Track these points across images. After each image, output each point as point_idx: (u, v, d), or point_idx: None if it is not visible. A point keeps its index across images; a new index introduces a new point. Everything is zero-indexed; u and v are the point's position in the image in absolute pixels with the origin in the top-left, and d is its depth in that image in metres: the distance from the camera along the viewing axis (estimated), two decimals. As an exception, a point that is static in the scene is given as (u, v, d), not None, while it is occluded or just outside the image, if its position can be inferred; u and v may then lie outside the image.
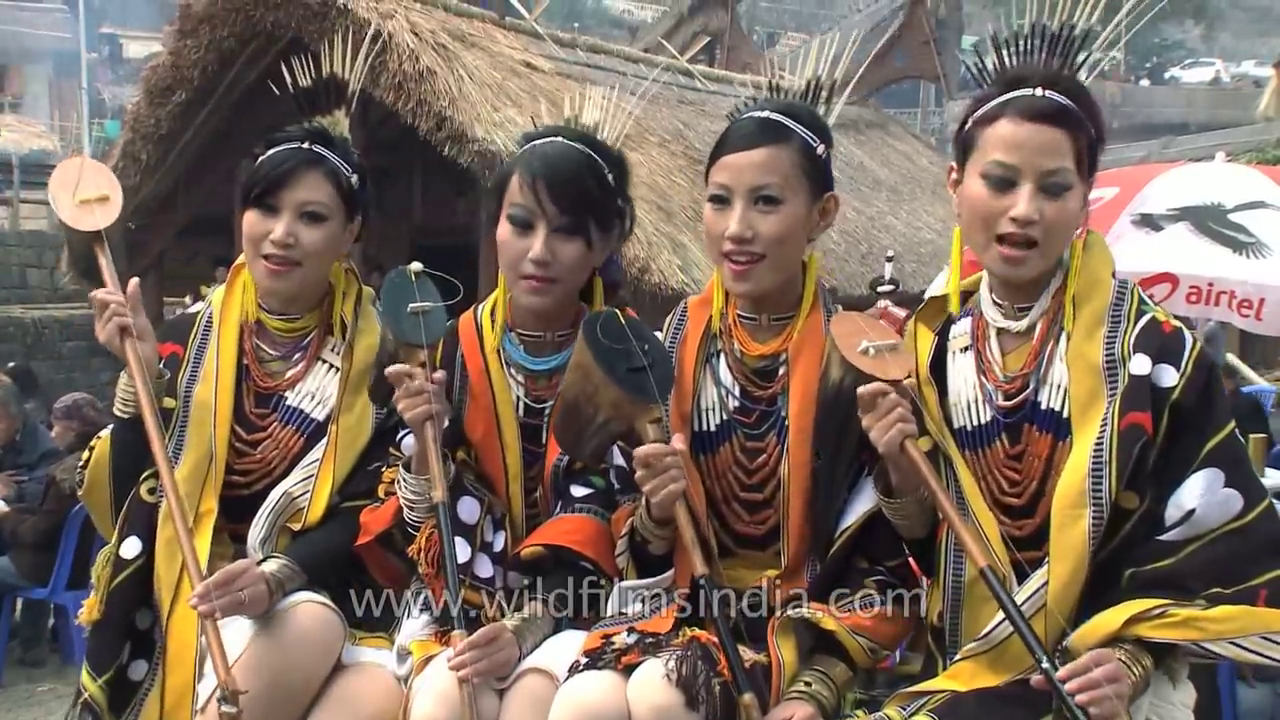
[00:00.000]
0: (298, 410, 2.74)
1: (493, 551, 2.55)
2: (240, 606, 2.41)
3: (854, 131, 15.87)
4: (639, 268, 9.41)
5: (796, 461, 2.46)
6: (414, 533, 2.53)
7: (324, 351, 2.78)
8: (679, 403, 2.52)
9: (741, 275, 2.46)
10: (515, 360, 2.66)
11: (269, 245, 2.68)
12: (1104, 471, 2.18)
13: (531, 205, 2.54)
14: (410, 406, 2.45)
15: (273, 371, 2.77)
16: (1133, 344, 2.25)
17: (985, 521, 2.29)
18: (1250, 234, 5.55)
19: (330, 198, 2.72)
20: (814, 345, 2.49)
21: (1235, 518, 2.18)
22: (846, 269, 11.87)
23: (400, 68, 9.74)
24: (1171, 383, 2.22)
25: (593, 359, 2.36)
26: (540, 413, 2.63)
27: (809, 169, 2.47)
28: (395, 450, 2.65)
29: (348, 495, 2.67)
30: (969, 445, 2.38)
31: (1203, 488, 2.18)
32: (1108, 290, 2.32)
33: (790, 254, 2.48)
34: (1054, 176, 2.26)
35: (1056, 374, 2.30)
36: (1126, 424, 2.19)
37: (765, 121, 2.48)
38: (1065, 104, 2.27)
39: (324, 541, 2.63)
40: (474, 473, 2.63)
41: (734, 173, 2.45)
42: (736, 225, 2.43)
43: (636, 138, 11.08)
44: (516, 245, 2.55)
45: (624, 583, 2.48)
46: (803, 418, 2.46)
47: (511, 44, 11.42)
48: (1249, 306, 5.37)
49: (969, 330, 2.43)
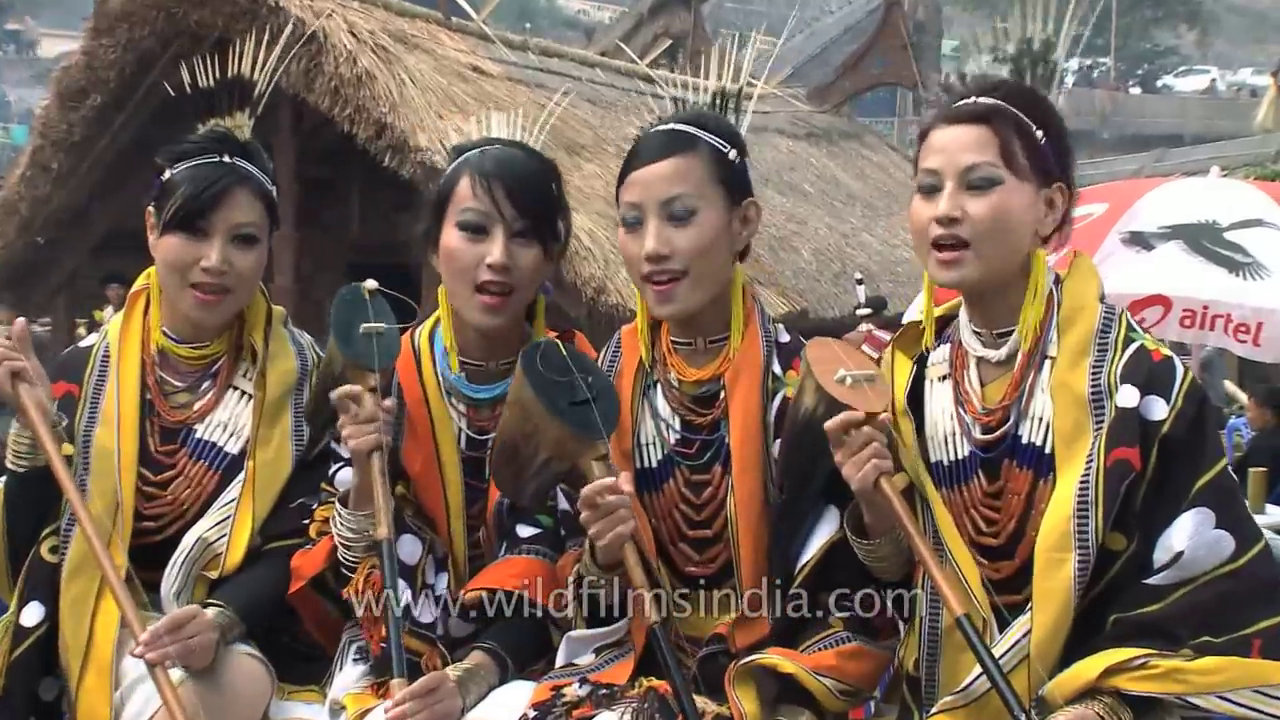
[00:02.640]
0: (209, 443, 2.71)
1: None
2: (190, 655, 2.39)
3: (826, 142, 16.00)
4: (595, 288, 9.42)
5: (744, 492, 2.47)
6: (350, 574, 2.51)
7: (235, 378, 2.75)
8: (620, 439, 2.51)
9: (665, 296, 2.47)
10: (456, 388, 2.65)
11: (199, 273, 2.63)
12: (1090, 512, 2.18)
13: (487, 208, 2.55)
14: (357, 434, 2.43)
15: (179, 404, 2.73)
16: (1120, 374, 2.26)
17: (965, 565, 2.29)
18: (1247, 254, 5.62)
19: (261, 217, 2.71)
20: (752, 366, 2.51)
21: (1227, 561, 2.19)
22: (818, 290, 11.93)
23: (336, 71, 9.72)
24: (1161, 415, 2.23)
25: (533, 393, 2.35)
26: (484, 444, 2.63)
27: (722, 175, 2.50)
28: (328, 486, 2.64)
29: (271, 536, 2.64)
30: (945, 481, 2.39)
31: (1192, 528, 2.19)
32: (1094, 316, 2.33)
33: (713, 268, 2.49)
34: (974, 172, 2.29)
35: (1038, 406, 2.31)
36: (1113, 460, 2.19)
37: (669, 133, 2.53)
38: (992, 104, 2.32)
39: (255, 586, 2.60)
40: (413, 509, 2.62)
41: (642, 188, 2.48)
42: (652, 242, 2.45)
43: (593, 147, 11.11)
44: (470, 252, 2.55)
45: (573, 632, 2.47)
46: (746, 445, 2.47)
47: (458, 46, 11.42)
48: (1246, 331, 5.43)
49: (947, 358, 2.45)
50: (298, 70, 9.43)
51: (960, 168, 2.30)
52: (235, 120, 2.77)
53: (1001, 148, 2.29)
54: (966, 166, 2.29)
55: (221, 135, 2.72)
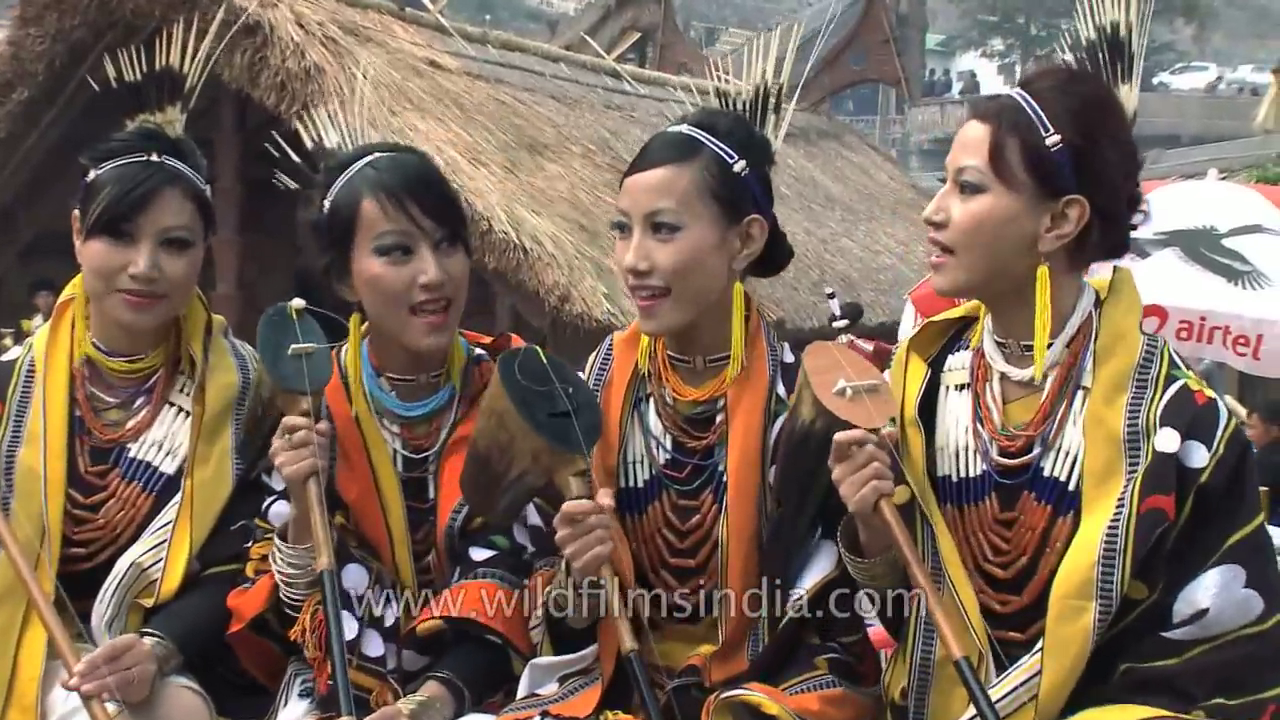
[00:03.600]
0: (143, 463, 2.69)
1: (383, 627, 2.53)
2: (128, 687, 2.37)
3: (804, 142, 16.03)
4: (559, 296, 9.42)
5: (736, 523, 2.46)
6: (294, 614, 2.50)
7: (171, 393, 2.73)
8: (604, 455, 2.52)
9: (647, 312, 2.48)
10: (387, 408, 2.65)
11: (127, 280, 2.62)
12: (1116, 561, 2.14)
13: (405, 226, 2.54)
14: (292, 461, 2.43)
15: (112, 421, 2.71)
16: (1160, 415, 2.20)
17: (964, 594, 2.28)
18: (1246, 262, 5.66)
19: (193, 219, 2.69)
20: (756, 389, 2.51)
21: (1253, 622, 2.17)
22: (796, 299, 11.95)
23: (283, 65, 9.70)
24: (1201, 463, 2.18)
25: (510, 403, 2.35)
26: (422, 464, 2.63)
27: (718, 189, 2.47)
28: (263, 523, 2.63)
29: (210, 561, 2.63)
30: (952, 498, 2.37)
31: (1219, 585, 2.17)
32: (1135, 347, 2.27)
33: (699, 287, 2.48)
34: (964, 175, 2.27)
35: (1067, 439, 2.27)
36: (1147, 508, 2.15)
37: (671, 138, 2.51)
38: (1006, 100, 2.28)
39: (193, 615, 2.59)
40: (355, 538, 2.61)
41: (631, 197, 2.48)
42: (631, 256, 2.46)
43: (556, 147, 11.13)
44: (398, 276, 2.54)
45: (538, 659, 2.47)
46: (743, 473, 2.47)
47: (413, 39, 11.42)
48: (1245, 344, 5.47)
49: (967, 366, 2.42)
50: (241, 64, 9.41)
51: (954, 167, 2.29)
52: (166, 116, 2.75)
53: (992, 150, 2.24)
54: (959, 168, 2.27)
55: (150, 132, 2.70)
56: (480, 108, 10.92)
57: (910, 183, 18.18)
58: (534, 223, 9.61)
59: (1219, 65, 49.93)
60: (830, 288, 7.50)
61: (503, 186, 9.98)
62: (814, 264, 12.98)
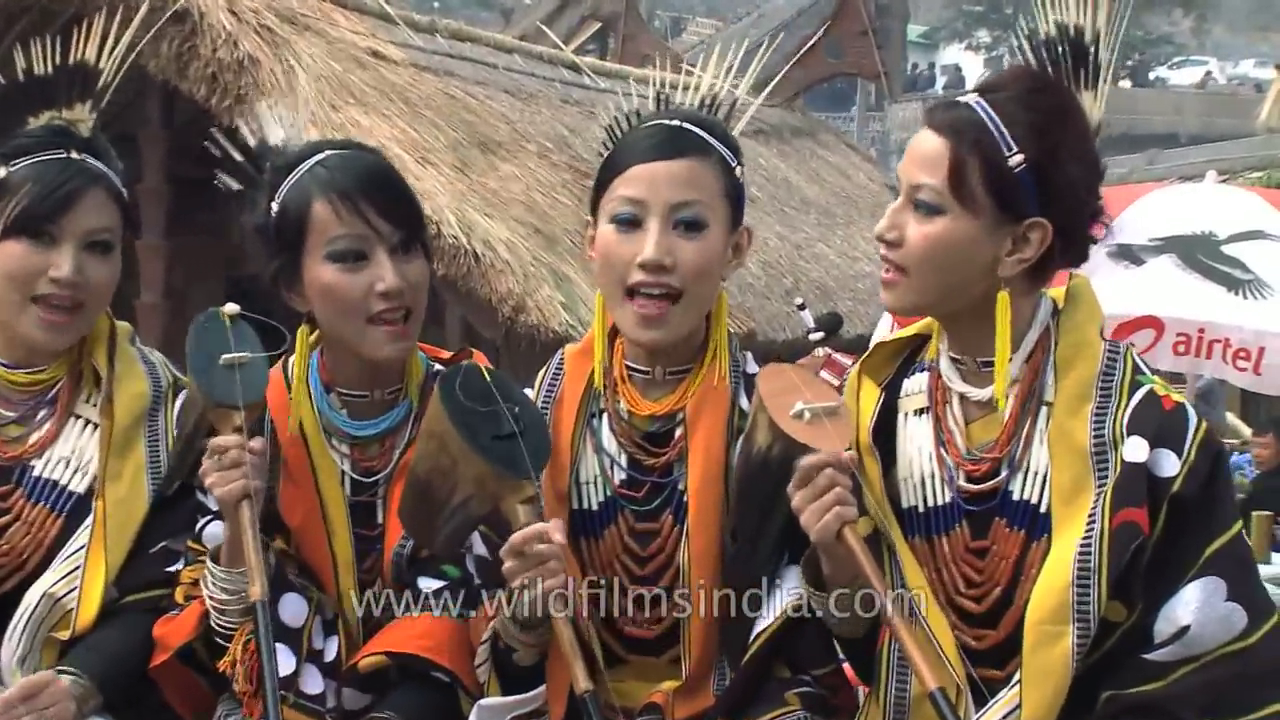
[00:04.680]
0: (49, 482, 2.68)
1: (323, 662, 2.53)
2: None
3: (776, 140, 16.08)
4: (513, 305, 9.40)
5: (698, 546, 2.47)
6: (224, 643, 2.49)
7: (77, 405, 2.73)
8: (554, 477, 2.52)
9: (655, 320, 2.45)
10: (337, 426, 2.64)
11: (48, 285, 2.61)
12: (1091, 580, 2.16)
13: (360, 230, 2.53)
14: (223, 482, 2.42)
15: (12, 438, 2.70)
16: (1127, 423, 2.23)
17: (938, 627, 2.29)
18: (1247, 269, 5.70)
19: (115, 222, 2.70)
20: (718, 402, 2.52)
21: (1237, 638, 2.18)
22: (767, 308, 11.97)
23: (214, 55, 9.65)
24: (1172, 471, 2.21)
25: (451, 425, 2.35)
26: (372, 487, 2.63)
27: (731, 193, 2.50)
28: (195, 544, 2.62)
29: (129, 588, 2.62)
30: (920, 530, 2.38)
31: (1200, 600, 2.18)
32: (1096, 354, 2.31)
33: (708, 293, 2.51)
34: (919, 193, 2.28)
35: (1035, 459, 2.29)
36: (1119, 522, 2.17)
37: (679, 130, 2.49)
38: (965, 111, 2.27)
39: (113, 649, 2.57)
40: (296, 565, 2.60)
41: (649, 185, 2.44)
42: (653, 249, 2.42)
43: (511, 145, 11.12)
44: (353, 283, 2.53)
45: (485, 700, 2.46)
46: (705, 492, 2.48)
47: (356, 28, 11.38)
48: (1246, 358, 5.51)
49: (925, 388, 2.43)
50: (169, 54, 9.36)
51: (909, 183, 2.29)
52: (75, 114, 2.74)
53: (952, 170, 2.24)
54: (914, 185, 2.28)
55: (63, 129, 2.70)
56: (428, 102, 10.89)
57: (890, 184, 18.22)
58: (486, 226, 9.59)
59: (1219, 59, 50.33)
60: (800, 298, 7.51)
61: (452, 188, 9.95)
62: (787, 271, 13.01)
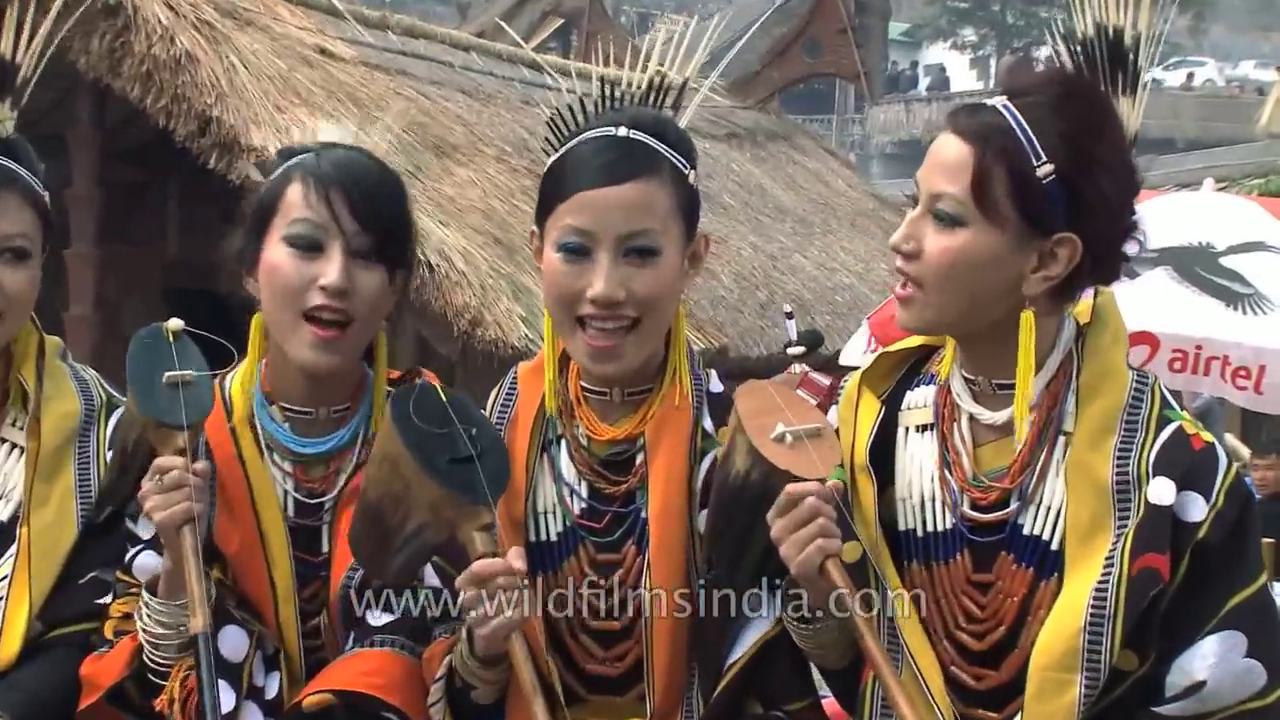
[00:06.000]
0: None
1: (264, 700, 2.52)
2: None
3: (750, 144, 16.10)
4: (469, 319, 9.38)
5: (662, 576, 2.47)
6: (159, 681, 2.48)
7: (2, 428, 2.72)
8: (510, 504, 2.51)
9: (610, 353, 2.45)
10: (279, 443, 2.64)
11: None
12: (1105, 627, 2.15)
13: (322, 219, 2.54)
14: (164, 505, 2.41)
15: None
16: (1153, 462, 2.21)
17: (925, 664, 2.29)
18: (1247, 283, 5.74)
19: (33, 228, 2.70)
20: (679, 424, 2.52)
21: (1254, 695, 2.18)
22: (741, 323, 11.99)
23: (149, 51, 9.62)
24: (1199, 517, 2.19)
25: (404, 447, 2.34)
26: (316, 510, 2.63)
27: (683, 205, 2.49)
28: (126, 576, 2.61)
29: (55, 620, 2.62)
30: (919, 555, 2.37)
31: (1218, 654, 2.17)
32: (1123, 384, 2.28)
33: (665, 317, 2.51)
34: (940, 203, 2.24)
35: (1049, 492, 2.27)
36: (1139, 568, 2.16)
37: (629, 145, 2.47)
38: (998, 117, 2.24)
39: (37, 686, 2.57)
40: (235, 596, 2.59)
41: (597, 215, 2.42)
42: (604, 285, 2.41)
43: (468, 148, 11.11)
44: (300, 271, 2.53)
45: (438, 740, 2.46)
46: (667, 520, 2.48)
47: (302, 24, 11.37)
48: (1245, 375, 5.53)
49: (931, 403, 2.42)
50: (100, 50, 9.32)
51: (929, 191, 2.26)
52: None
53: (975, 179, 2.20)
54: (934, 194, 2.24)
55: None
56: (379, 103, 10.87)
57: (871, 191, 18.28)
58: (441, 235, 9.58)
59: (1218, 60, 50.67)
60: (789, 306, 7.50)
61: (405, 194, 9.94)
62: (762, 283, 13.02)
